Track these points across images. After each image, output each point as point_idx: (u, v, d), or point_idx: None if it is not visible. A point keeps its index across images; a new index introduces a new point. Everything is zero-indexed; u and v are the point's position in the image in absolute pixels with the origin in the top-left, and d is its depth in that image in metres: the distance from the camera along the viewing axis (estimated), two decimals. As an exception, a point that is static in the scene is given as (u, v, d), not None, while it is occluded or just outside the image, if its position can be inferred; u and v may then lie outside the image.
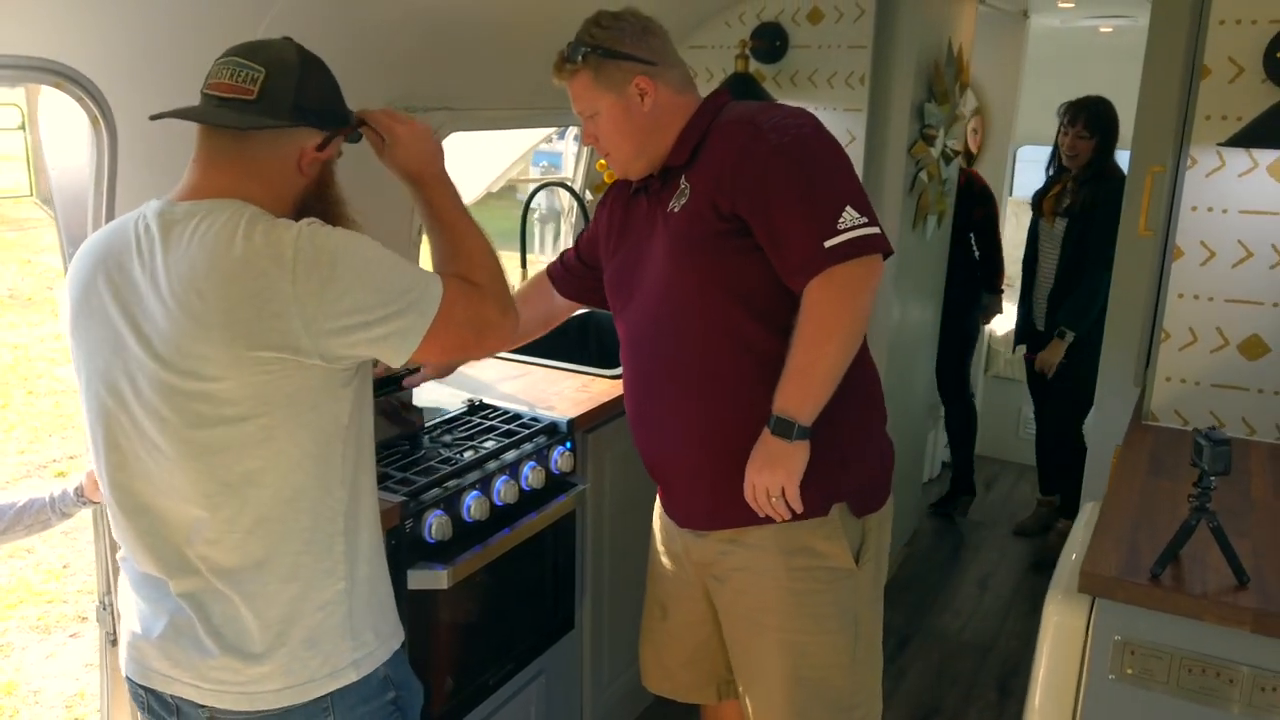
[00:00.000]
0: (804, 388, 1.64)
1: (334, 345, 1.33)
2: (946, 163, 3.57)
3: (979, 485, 4.77)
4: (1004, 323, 4.98)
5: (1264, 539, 1.79)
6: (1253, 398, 2.26)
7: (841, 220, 1.60)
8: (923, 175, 3.36)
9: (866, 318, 1.67)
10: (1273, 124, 1.96)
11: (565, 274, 2.16)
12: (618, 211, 1.96)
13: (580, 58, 1.75)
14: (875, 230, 1.62)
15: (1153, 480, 2.04)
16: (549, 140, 6.54)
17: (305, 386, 1.35)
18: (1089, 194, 3.67)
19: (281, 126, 1.39)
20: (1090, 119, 3.67)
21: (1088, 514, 2.09)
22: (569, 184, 3.19)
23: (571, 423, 2.38)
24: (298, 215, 1.41)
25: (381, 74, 2.35)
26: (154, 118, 1.45)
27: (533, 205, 3.36)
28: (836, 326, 1.62)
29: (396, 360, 1.38)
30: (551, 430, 2.36)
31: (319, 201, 1.48)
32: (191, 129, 1.94)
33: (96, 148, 1.92)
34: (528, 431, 2.29)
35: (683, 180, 1.77)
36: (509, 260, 2.35)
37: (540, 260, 3.57)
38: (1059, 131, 3.80)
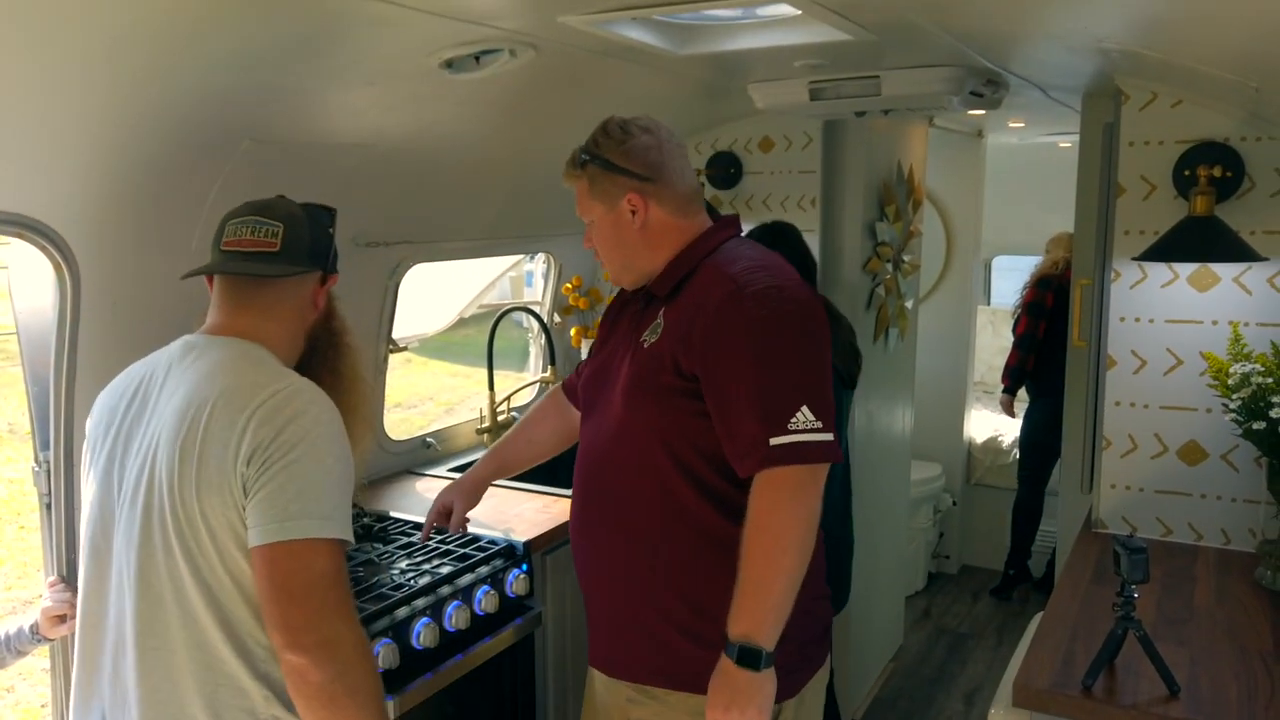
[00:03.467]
0: (763, 608, 1.52)
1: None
2: (905, 277, 3.68)
3: (966, 596, 4.73)
4: (984, 429, 5.03)
5: (1202, 647, 1.80)
6: (1196, 503, 2.28)
7: (794, 420, 1.51)
8: (879, 290, 3.46)
9: (816, 521, 1.56)
10: (1181, 238, 2.06)
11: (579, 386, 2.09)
12: (610, 317, 1.92)
13: (581, 165, 1.74)
14: (828, 438, 1.53)
15: (1095, 589, 2.05)
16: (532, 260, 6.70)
17: None
18: None
19: (303, 273, 1.57)
20: None
21: (1034, 625, 2.09)
22: (533, 309, 3.29)
23: (528, 544, 2.40)
24: (309, 343, 1.63)
25: (342, 213, 2.45)
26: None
27: (524, 325, 3.50)
28: (789, 538, 1.52)
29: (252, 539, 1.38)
30: (509, 553, 2.38)
31: (326, 331, 1.67)
32: (158, 283, 2.09)
33: (60, 292, 2.02)
34: (483, 555, 2.31)
35: (660, 314, 1.70)
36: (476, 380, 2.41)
37: (509, 378, 3.66)
38: None
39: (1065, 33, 1.86)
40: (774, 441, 1.51)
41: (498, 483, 2.87)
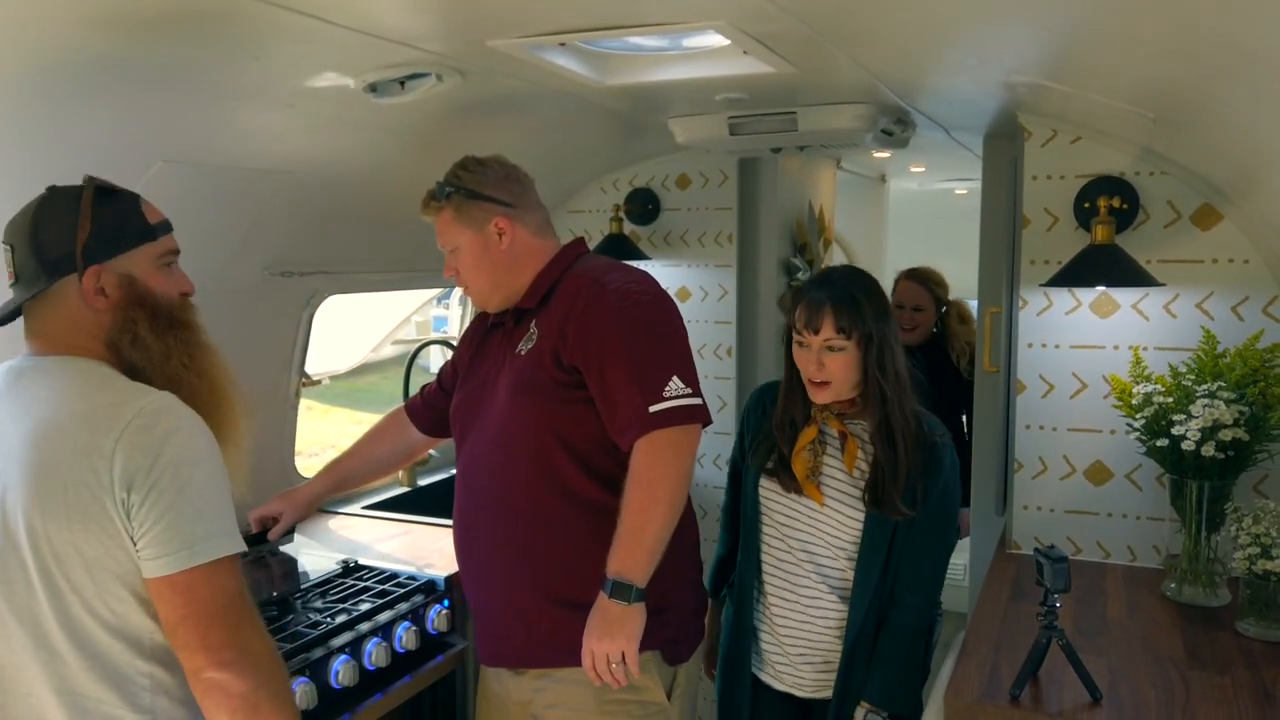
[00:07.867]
0: (637, 550, 1.70)
1: None
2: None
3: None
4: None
5: (1120, 657, 1.86)
6: (1103, 522, 2.37)
7: (668, 389, 1.72)
8: (795, 325, 3.52)
9: (689, 479, 1.77)
10: (1083, 266, 2.16)
11: (425, 408, 2.24)
12: (474, 343, 2.06)
13: (445, 196, 1.89)
14: (698, 401, 1.75)
15: (1015, 605, 2.10)
16: (445, 305, 6.64)
17: None
18: None
19: (42, 290, 1.37)
20: None
21: (957, 643, 2.12)
22: (451, 342, 3.25)
23: (449, 579, 2.33)
24: (136, 344, 1.39)
25: (256, 241, 2.40)
26: None
27: (430, 371, 3.45)
28: (663, 489, 1.71)
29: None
30: (429, 588, 2.30)
31: (150, 321, 1.40)
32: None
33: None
34: (403, 590, 2.24)
35: (533, 324, 1.87)
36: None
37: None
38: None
39: (976, 64, 1.94)
40: (653, 409, 1.70)
41: (417, 519, 2.82)
